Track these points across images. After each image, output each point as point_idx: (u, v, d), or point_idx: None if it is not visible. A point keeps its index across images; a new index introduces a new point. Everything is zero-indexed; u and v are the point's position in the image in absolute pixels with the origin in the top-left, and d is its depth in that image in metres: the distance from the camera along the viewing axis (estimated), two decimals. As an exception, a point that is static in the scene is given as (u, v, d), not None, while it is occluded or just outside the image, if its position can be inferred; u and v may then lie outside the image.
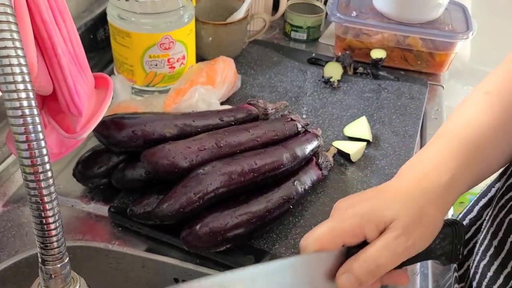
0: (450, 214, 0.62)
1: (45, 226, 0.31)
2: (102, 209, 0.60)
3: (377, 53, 0.89)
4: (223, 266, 0.54)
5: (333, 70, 0.85)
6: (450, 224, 0.43)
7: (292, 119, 0.65)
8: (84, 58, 0.49)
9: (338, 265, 0.40)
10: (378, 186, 0.44)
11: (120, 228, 0.58)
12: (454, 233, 0.43)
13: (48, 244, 0.31)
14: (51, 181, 0.30)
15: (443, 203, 0.41)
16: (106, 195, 0.62)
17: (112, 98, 0.73)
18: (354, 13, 0.92)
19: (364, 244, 0.40)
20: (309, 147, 0.62)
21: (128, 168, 0.58)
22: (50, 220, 0.31)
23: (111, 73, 0.79)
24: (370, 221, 0.39)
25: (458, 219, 0.59)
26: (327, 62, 0.88)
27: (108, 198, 0.61)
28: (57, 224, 0.32)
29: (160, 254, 0.56)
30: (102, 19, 0.76)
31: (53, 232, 0.31)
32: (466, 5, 1.33)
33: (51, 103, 0.49)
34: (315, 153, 0.64)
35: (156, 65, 0.71)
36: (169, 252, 0.56)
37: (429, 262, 0.58)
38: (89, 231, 0.58)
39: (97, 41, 0.83)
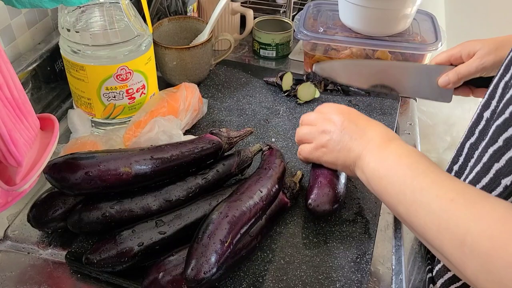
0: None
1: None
2: (60, 255, 0.57)
3: (347, 69, 0.87)
4: (188, 311, 0.51)
5: (307, 92, 0.83)
6: None
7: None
8: (26, 102, 0.46)
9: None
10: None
11: (79, 275, 0.55)
12: None
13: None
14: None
15: None
16: (64, 239, 0.59)
17: (71, 133, 0.70)
18: (321, 29, 0.90)
19: None
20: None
21: (84, 211, 0.55)
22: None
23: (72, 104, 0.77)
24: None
25: None
26: (298, 81, 0.86)
27: (66, 242, 0.58)
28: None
29: (121, 300, 0.53)
30: (59, 49, 0.73)
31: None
32: (440, 8, 1.32)
33: (-9, 151, 0.46)
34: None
35: (114, 96, 0.68)
36: (131, 298, 0.53)
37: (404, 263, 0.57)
38: (46, 280, 0.55)
39: (56, 72, 0.80)
